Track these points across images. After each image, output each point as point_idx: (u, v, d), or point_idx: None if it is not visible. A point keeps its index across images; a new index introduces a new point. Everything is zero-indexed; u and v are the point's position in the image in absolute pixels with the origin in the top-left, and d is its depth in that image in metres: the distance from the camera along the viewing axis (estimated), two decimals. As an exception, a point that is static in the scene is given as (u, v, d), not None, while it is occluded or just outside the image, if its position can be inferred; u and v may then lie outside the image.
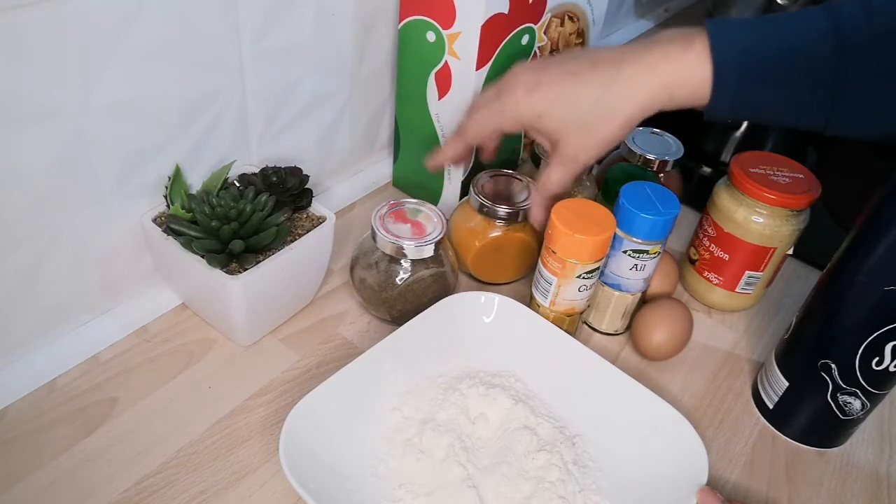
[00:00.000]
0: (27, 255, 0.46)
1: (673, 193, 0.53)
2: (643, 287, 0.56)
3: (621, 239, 0.53)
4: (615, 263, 0.54)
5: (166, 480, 0.44)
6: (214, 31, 0.50)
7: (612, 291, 0.56)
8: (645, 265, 0.54)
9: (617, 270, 0.55)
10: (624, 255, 0.53)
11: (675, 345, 0.55)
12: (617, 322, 0.58)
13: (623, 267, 0.54)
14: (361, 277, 0.55)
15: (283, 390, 0.51)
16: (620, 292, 0.56)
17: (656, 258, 0.54)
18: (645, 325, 0.56)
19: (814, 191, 0.55)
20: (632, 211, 0.51)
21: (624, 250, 0.53)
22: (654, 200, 0.52)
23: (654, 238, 0.52)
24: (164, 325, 0.55)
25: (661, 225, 0.52)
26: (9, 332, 0.48)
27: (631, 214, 0.51)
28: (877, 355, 0.45)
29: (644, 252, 0.53)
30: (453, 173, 0.65)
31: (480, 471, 0.46)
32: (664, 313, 0.56)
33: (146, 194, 0.51)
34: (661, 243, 0.53)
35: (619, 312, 0.58)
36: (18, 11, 0.38)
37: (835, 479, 0.50)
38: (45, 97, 0.42)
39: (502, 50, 0.59)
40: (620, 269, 0.55)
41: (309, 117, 0.62)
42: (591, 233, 0.50)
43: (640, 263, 0.54)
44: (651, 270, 0.55)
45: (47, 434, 0.46)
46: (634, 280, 0.55)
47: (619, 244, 0.53)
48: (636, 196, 0.52)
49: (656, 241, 0.52)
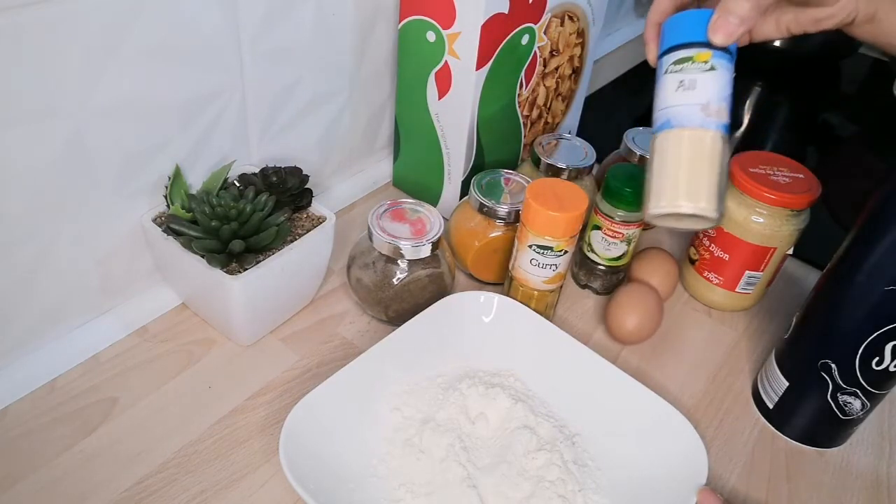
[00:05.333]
0: (27, 254, 0.46)
1: None
2: (703, 122, 0.39)
3: (661, 63, 0.42)
4: (659, 90, 0.42)
5: (166, 480, 0.44)
6: (214, 31, 0.50)
7: (666, 134, 0.40)
8: (695, 82, 0.40)
9: (662, 98, 0.41)
10: (665, 77, 0.41)
11: (648, 329, 0.56)
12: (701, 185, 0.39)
13: (668, 90, 0.41)
14: (358, 277, 0.55)
15: (283, 390, 0.51)
16: (674, 130, 0.40)
17: (710, 74, 0.39)
18: (617, 310, 0.56)
19: (814, 191, 0.55)
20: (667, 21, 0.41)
21: (664, 70, 0.41)
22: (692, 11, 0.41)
23: (695, 38, 0.40)
24: (164, 325, 0.55)
25: (698, 19, 0.40)
26: (9, 331, 0.48)
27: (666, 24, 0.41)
28: (877, 355, 0.45)
29: (688, 59, 0.40)
30: (453, 173, 0.65)
31: (480, 470, 0.46)
32: (636, 298, 0.56)
33: (146, 194, 0.51)
34: (713, 54, 0.40)
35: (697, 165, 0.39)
36: (18, 11, 0.38)
37: (835, 479, 0.50)
38: (45, 97, 0.42)
39: (502, 50, 0.59)
40: (665, 94, 0.41)
41: (309, 117, 0.62)
42: (551, 207, 0.50)
43: (687, 79, 0.40)
44: (710, 94, 0.40)
45: (47, 434, 0.46)
46: (687, 108, 0.40)
47: (660, 67, 0.42)
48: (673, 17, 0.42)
49: (701, 42, 0.39)
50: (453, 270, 0.57)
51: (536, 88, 0.68)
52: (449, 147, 0.64)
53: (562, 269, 0.54)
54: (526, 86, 0.66)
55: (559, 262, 0.53)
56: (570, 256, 0.54)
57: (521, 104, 0.67)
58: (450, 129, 0.63)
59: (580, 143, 0.66)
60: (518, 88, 0.65)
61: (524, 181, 0.61)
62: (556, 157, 0.64)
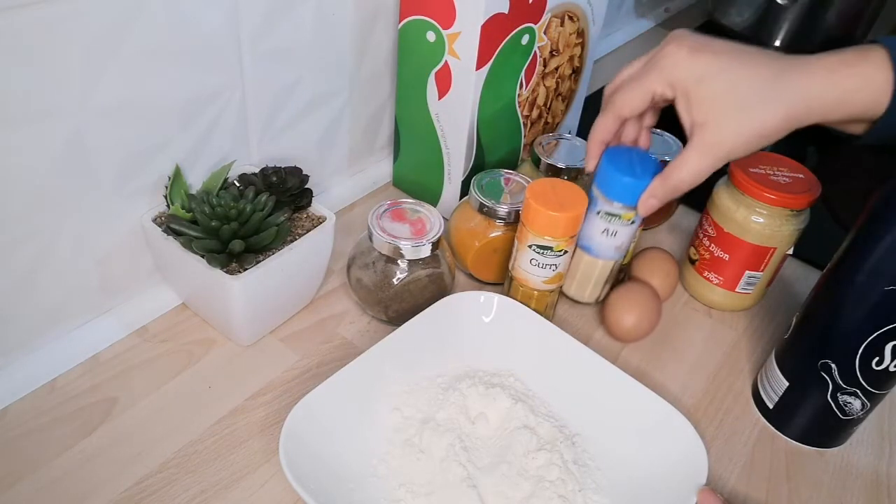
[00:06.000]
0: (27, 254, 0.46)
1: (658, 162, 0.51)
2: (615, 256, 0.55)
3: (596, 199, 0.52)
4: (588, 225, 0.54)
5: (166, 480, 0.44)
6: (214, 31, 0.50)
7: (583, 254, 0.56)
8: (617, 232, 0.53)
9: (588, 232, 0.54)
10: (596, 217, 0.53)
11: (646, 327, 0.56)
12: (586, 289, 0.58)
13: (594, 229, 0.54)
14: (358, 277, 0.55)
15: (283, 390, 0.51)
16: (590, 256, 0.55)
17: (630, 227, 0.53)
18: (615, 308, 0.56)
19: (814, 191, 0.55)
20: (609, 171, 0.50)
21: (597, 211, 0.53)
22: (636, 165, 0.51)
23: (626, 202, 0.51)
24: (164, 325, 0.55)
25: (634, 189, 0.50)
26: (9, 331, 0.48)
27: (608, 174, 0.50)
28: (877, 355, 0.45)
29: (616, 216, 0.52)
30: (453, 173, 0.65)
31: (480, 470, 0.46)
32: (633, 296, 0.56)
33: (146, 194, 0.51)
34: (636, 211, 0.52)
35: (587, 278, 0.57)
36: (18, 11, 0.38)
37: (835, 479, 0.50)
38: (45, 97, 0.42)
39: (502, 50, 0.59)
40: (592, 232, 0.54)
41: (309, 117, 0.62)
42: (552, 207, 0.50)
43: (611, 228, 0.53)
44: (624, 240, 0.54)
45: (47, 434, 0.46)
46: (605, 247, 0.54)
47: (593, 204, 0.53)
48: (618, 159, 0.51)
49: (629, 206, 0.51)
50: (453, 270, 0.57)
51: (536, 88, 0.68)
52: (449, 147, 0.64)
53: (562, 269, 0.54)
54: (526, 86, 0.66)
55: (559, 262, 0.53)
56: (569, 256, 0.54)
57: (521, 104, 0.67)
58: (450, 129, 0.63)
59: (580, 143, 0.66)
60: (518, 88, 0.65)
61: (524, 181, 0.61)
62: (556, 157, 0.64)
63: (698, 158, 0.46)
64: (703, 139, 0.45)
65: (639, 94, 0.47)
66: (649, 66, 0.47)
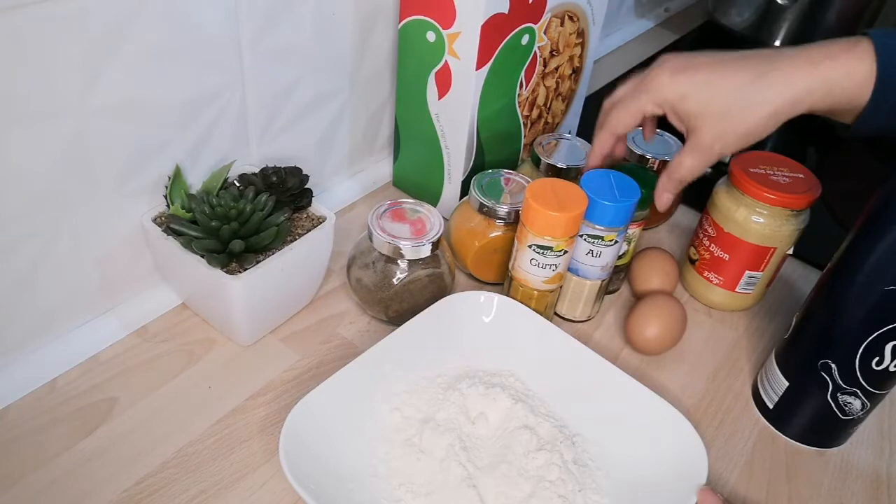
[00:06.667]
0: (27, 254, 0.46)
1: (636, 185, 0.54)
2: (601, 276, 0.57)
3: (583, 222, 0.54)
4: (577, 247, 0.56)
5: (166, 480, 0.44)
6: (214, 31, 0.50)
7: (571, 275, 0.58)
8: (601, 252, 0.55)
9: (575, 254, 0.56)
10: (581, 240, 0.55)
11: (668, 340, 0.55)
12: (577, 308, 0.59)
13: (580, 251, 0.56)
14: (358, 277, 0.55)
15: (283, 390, 0.51)
16: (578, 277, 0.57)
17: (613, 247, 0.55)
18: (638, 319, 0.56)
19: (814, 191, 0.55)
20: (590, 197, 0.52)
21: (581, 234, 0.54)
22: (615, 189, 0.53)
23: (608, 224, 0.53)
24: (164, 325, 0.55)
25: (614, 212, 0.53)
26: (9, 331, 0.48)
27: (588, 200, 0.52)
28: (877, 355, 0.45)
29: (599, 238, 0.54)
30: (453, 173, 0.65)
31: (480, 470, 0.46)
32: (657, 308, 0.56)
33: (146, 194, 0.51)
34: (618, 232, 0.54)
35: (577, 298, 0.58)
36: (18, 11, 0.38)
37: (835, 479, 0.50)
38: (46, 97, 0.42)
39: (502, 50, 0.59)
40: (578, 254, 0.56)
41: (309, 117, 0.62)
42: (552, 207, 0.50)
43: (595, 250, 0.55)
44: (608, 259, 0.56)
45: (47, 434, 0.46)
46: (591, 267, 0.56)
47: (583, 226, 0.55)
48: (597, 183, 0.54)
49: (612, 228, 0.54)
50: (453, 270, 0.57)
51: (536, 88, 0.68)
52: (449, 147, 0.64)
53: (562, 269, 0.54)
54: (526, 86, 0.66)
55: (559, 262, 0.53)
56: (569, 256, 0.54)
57: (521, 104, 0.67)
58: (450, 129, 0.63)
59: (580, 143, 0.66)
60: (518, 88, 0.65)
61: (524, 181, 0.61)
62: (556, 157, 0.64)
63: (692, 159, 0.51)
64: (694, 143, 0.50)
65: (631, 114, 0.52)
66: (639, 89, 0.51)
